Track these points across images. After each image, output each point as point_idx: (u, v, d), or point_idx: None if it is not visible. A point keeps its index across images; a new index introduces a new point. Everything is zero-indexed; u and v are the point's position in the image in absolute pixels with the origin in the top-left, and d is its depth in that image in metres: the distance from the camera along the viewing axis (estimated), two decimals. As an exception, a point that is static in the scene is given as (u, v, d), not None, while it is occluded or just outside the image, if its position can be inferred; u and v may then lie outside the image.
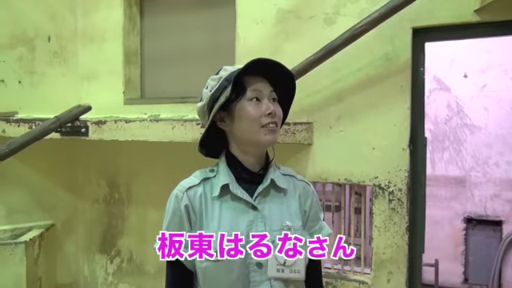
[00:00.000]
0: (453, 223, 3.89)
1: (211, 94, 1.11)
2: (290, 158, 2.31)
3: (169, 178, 2.69)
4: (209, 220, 1.07)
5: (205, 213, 1.08)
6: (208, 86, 1.14)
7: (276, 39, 2.33)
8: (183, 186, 1.11)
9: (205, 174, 1.14)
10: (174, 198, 1.10)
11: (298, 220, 1.13)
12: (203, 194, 1.10)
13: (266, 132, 1.06)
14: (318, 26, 2.23)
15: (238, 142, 1.12)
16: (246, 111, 1.06)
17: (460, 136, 3.85)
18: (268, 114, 1.06)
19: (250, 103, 1.07)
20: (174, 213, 1.09)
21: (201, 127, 2.19)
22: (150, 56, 2.92)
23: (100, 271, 3.00)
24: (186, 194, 1.09)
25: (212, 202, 1.09)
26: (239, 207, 1.08)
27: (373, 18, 1.96)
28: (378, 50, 2.11)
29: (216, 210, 1.08)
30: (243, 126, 1.07)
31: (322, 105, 2.23)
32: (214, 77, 1.14)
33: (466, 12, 1.94)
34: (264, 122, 1.06)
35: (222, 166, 1.13)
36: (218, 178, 1.12)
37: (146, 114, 2.68)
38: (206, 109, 1.13)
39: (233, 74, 1.07)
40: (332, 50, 2.05)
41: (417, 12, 2.01)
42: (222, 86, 1.09)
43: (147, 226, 2.82)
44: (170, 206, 1.11)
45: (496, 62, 3.71)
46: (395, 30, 2.07)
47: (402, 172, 2.07)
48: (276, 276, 1.05)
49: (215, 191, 1.09)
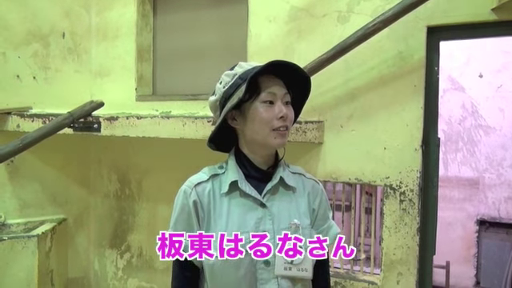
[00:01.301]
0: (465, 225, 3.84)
1: (224, 90, 1.10)
2: (300, 156, 2.30)
3: (179, 174, 2.70)
4: (217, 217, 1.07)
5: (213, 209, 1.08)
6: (222, 81, 1.13)
7: (288, 37, 2.32)
8: (192, 181, 1.11)
9: (214, 171, 1.14)
10: (183, 193, 1.10)
11: (307, 218, 1.13)
12: (212, 190, 1.10)
13: (275, 135, 1.06)
14: (331, 24, 2.22)
15: (247, 141, 1.11)
16: (259, 113, 1.05)
17: (474, 137, 3.79)
18: (280, 117, 1.05)
19: (263, 105, 1.06)
20: (182, 208, 1.09)
21: (212, 124, 2.19)
22: (162, 53, 2.93)
23: (110, 266, 3.03)
24: (195, 189, 1.09)
25: (220, 198, 1.09)
26: (248, 204, 1.08)
27: (386, 16, 1.94)
28: (392, 48, 2.09)
29: (224, 206, 1.08)
30: (254, 127, 1.07)
31: (334, 104, 2.21)
32: (229, 72, 1.12)
33: (483, 11, 1.90)
34: (275, 126, 1.05)
35: (231, 163, 1.13)
36: (227, 174, 1.11)
37: (157, 110, 2.70)
38: (217, 104, 1.13)
39: (248, 73, 1.06)
40: (344, 49, 2.03)
41: (432, 10, 1.98)
42: (235, 83, 1.08)
43: (157, 222, 2.83)
44: (179, 202, 1.11)
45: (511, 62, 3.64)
46: (409, 29, 2.04)
47: (414, 172, 2.05)
48: (283, 274, 1.05)
49: (224, 188, 1.09)
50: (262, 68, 1.02)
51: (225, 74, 1.13)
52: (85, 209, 3.03)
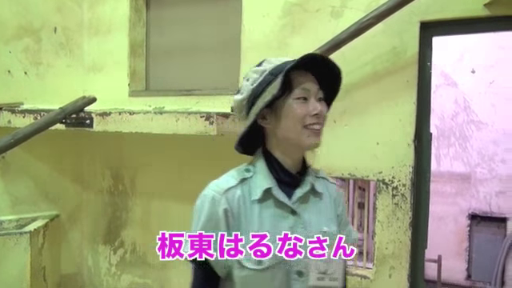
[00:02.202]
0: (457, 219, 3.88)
1: (253, 87, 1.03)
2: (294, 151, 2.30)
3: (173, 170, 2.71)
4: (248, 224, 1.00)
5: (243, 217, 1.01)
6: (249, 78, 1.05)
7: (282, 32, 2.32)
8: (221, 187, 1.03)
9: (242, 174, 1.06)
10: (210, 200, 1.01)
11: (334, 225, 1.10)
12: (242, 196, 1.02)
13: (308, 133, 1.01)
14: (324, 19, 2.21)
15: (278, 141, 1.05)
16: (292, 110, 1.00)
17: (466, 132, 3.82)
18: (314, 114, 1.00)
19: (296, 101, 1.00)
20: (210, 217, 1.00)
21: (205, 120, 2.19)
22: (155, 48, 2.92)
23: (104, 262, 3.03)
24: (225, 196, 1.01)
25: (251, 205, 1.01)
26: (279, 212, 1.02)
27: (380, 11, 1.94)
28: (385, 44, 2.09)
29: (255, 214, 1.01)
30: (287, 124, 1.01)
31: (327, 99, 2.21)
32: (257, 69, 1.06)
33: (476, 6, 1.91)
34: (307, 122, 1.00)
35: (261, 167, 1.06)
36: (257, 179, 1.04)
37: (150, 106, 2.68)
38: (244, 103, 1.06)
39: (279, 68, 1.01)
40: (338, 44, 2.03)
41: (425, 6, 1.99)
42: (266, 80, 1.02)
43: (151, 217, 2.83)
44: (205, 209, 1.01)
45: (505, 58, 3.66)
46: (403, 24, 2.04)
47: (407, 167, 2.06)
48: (316, 284, 1.01)
49: (255, 194, 1.02)
50: (296, 62, 0.97)
51: (252, 70, 1.06)
52: (78, 205, 3.02)
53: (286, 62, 1.02)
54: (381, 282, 2.13)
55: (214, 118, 2.17)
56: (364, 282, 2.17)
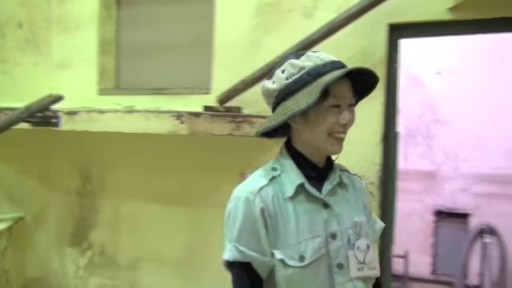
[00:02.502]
0: (423, 216, 4.01)
1: (287, 83, 1.00)
2: (265, 151, 2.31)
3: (143, 170, 2.67)
4: (285, 222, 0.99)
5: (279, 215, 0.99)
6: (285, 70, 1.01)
7: (255, 32, 2.32)
8: (252, 187, 1.00)
9: (270, 173, 1.04)
10: (244, 201, 0.99)
11: (363, 215, 1.11)
12: (275, 194, 1.01)
13: (332, 142, 1.01)
14: (296, 19, 2.24)
15: (304, 142, 1.05)
16: (323, 118, 0.99)
17: (432, 131, 3.95)
18: (343, 124, 1.00)
19: (329, 110, 0.98)
20: (246, 218, 0.98)
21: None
22: (126, 46, 2.86)
23: (71, 264, 2.94)
24: (259, 195, 0.99)
25: (284, 202, 1.01)
26: (312, 207, 1.02)
27: (351, 12, 1.98)
28: (356, 44, 2.13)
29: (290, 210, 1.00)
30: (314, 130, 1.00)
31: (299, 98, 2.24)
32: (295, 63, 1.00)
33: (440, 10, 1.98)
34: (334, 130, 1.00)
35: (288, 164, 1.05)
36: (286, 176, 1.03)
37: (120, 104, 2.63)
38: (275, 94, 1.03)
39: (318, 70, 0.97)
40: (310, 44, 2.06)
41: (393, 8, 2.04)
42: (302, 79, 0.98)
43: (121, 218, 2.77)
44: (240, 211, 0.99)
45: (469, 60, 3.81)
46: (372, 26, 2.09)
47: (375, 166, 2.11)
48: (357, 275, 1.02)
49: (288, 191, 1.01)
50: (340, 75, 0.94)
51: (289, 62, 1.01)
52: (44, 206, 2.92)
53: (327, 62, 0.99)
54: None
55: (186, 117, 2.15)
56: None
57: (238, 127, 2.12)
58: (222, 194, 2.40)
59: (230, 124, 2.12)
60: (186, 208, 2.54)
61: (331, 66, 0.97)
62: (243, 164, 2.38)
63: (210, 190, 2.47)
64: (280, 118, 0.99)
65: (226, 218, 1.02)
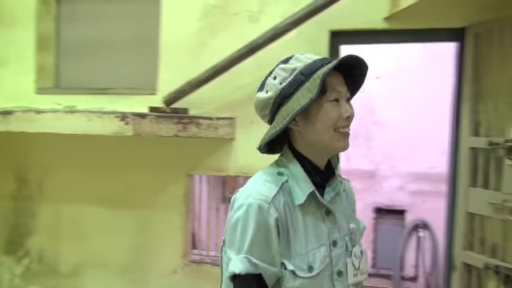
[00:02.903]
0: (364, 213, 4.20)
1: (282, 87, 0.97)
2: (212, 152, 2.33)
3: (86, 172, 2.58)
4: (295, 231, 0.95)
5: (290, 224, 0.95)
6: (277, 76, 0.98)
7: (201, 33, 2.33)
8: (265, 195, 0.93)
9: (278, 179, 0.98)
10: (257, 209, 0.91)
11: (355, 220, 1.10)
12: (285, 202, 0.95)
13: (338, 137, 0.97)
14: (242, 23, 2.28)
15: (306, 143, 1.00)
16: (325, 113, 0.95)
17: (372, 133, 4.17)
18: (346, 117, 0.96)
19: (330, 104, 0.96)
20: (259, 228, 0.91)
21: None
22: (67, 43, 2.74)
23: (5, 274, 2.77)
24: (273, 204, 0.92)
25: (294, 210, 0.96)
26: (317, 214, 0.99)
27: (295, 18, 2.05)
28: (299, 49, 2.17)
29: (299, 219, 0.96)
30: (318, 128, 0.96)
31: (245, 100, 2.28)
32: (286, 67, 0.98)
33: (377, 19, 2.11)
34: (338, 125, 0.96)
35: (296, 169, 0.99)
36: (294, 182, 0.98)
37: (60, 104, 2.52)
38: (271, 102, 0.99)
39: (311, 68, 0.95)
40: (255, 48, 2.11)
41: (334, 16, 2.14)
42: (297, 80, 0.95)
43: (61, 223, 2.65)
44: (252, 219, 0.91)
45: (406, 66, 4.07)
46: (315, 32, 2.18)
47: (318, 166, 2.20)
48: (353, 281, 1.02)
49: (298, 199, 0.96)
50: (334, 65, 0.91)
51: (279, 67, 0.99)
52: (-26, 212, 2.73)
53: (316, 60, 0.97)
54: (295, 275, 2.25)
55: (130, 118, 2.11)
56: (280, 276, 2.27)
57: (184, 128, 2.12)
58: (168, 196, 2.41)
59: (177, 125, 2.11)
60: (131, 210, 2.49)
61: (321, 62, 0.95)
62: (190, 165, 2.38)
63: (156, 191, 2.44)
64: (283, 122, 0.94)
65: (233, 226, 0.94)
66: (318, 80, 0.90)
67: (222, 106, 2.29)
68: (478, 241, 1.98)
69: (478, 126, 1.99)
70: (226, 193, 2.89)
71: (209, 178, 2.63)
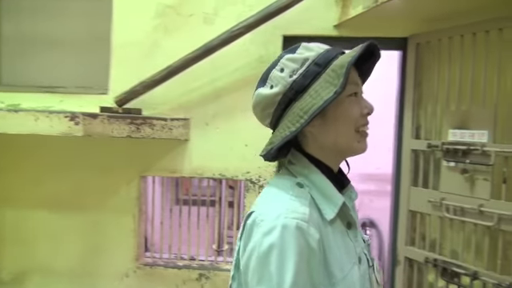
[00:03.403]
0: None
1: (293, 79, 0.82)
2: (166, 153, 2.32)
3: (32, 174, 2.47)
4: (331, 252, 0.79)
5: (326, 243, 0.79)
6: (284, 67, 0.83)
7: (155, 33, 2.31)
8: (301, 212, 0.76)
9: (303, 192, 0.82)
10: (296, 231, 0.73)
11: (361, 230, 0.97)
12: (318, 218, 0.80)
13: (359, 138, 0.84)
14: (197, 24, 2.28)
15: (322, 146, 0.86)
16: (345, 110, 0.82)
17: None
18: (366, 113, 0.85)
19: (349, 100, 0.83)
20: (301, 254, 0.72)
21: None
22: (10, 38, 2.60)
23: None
24: (312, 222, 0.76)
25: (325, 227, 0.80)
26: (343, 228, 0.85)
27: (249, 22, 2.09)
28: (254, 53, 2.26)
29: (330, 236, 0.80)
30: (338, 128, 0.83)
31: (200, 102, 2.29)
32: (294, 56, 0.83)
33: (328, 26, 2.20)
34: (359, 123, 0.84)
35: (317, 177, 0.84)
36: (318, 193, 0.83)
37: (3, 102, 2.39)
38: (279, 99, 0.83)
39: (325, 58, 0.82)
40: (210, 49, 2.12)
41: (288, 21, 2.21)
42: (311, 72, 0.81)
43: (4, 228, 2.51)
44: (292, 245, 0.72)
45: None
46: (269, 36, 2.24)
47: (271, 167, 2.26)
48: None
49: (328, 212, 0.81)
50: (360, 52, 0.78)
51: (286, 58, 0.84)
52: None
53: (328, 49, 0.85)
54: (249, 275, 2.28)
55: (80, 118, 2.05)
56: (233, 275, 2.30)
57: (137, 129, 2.09)
58: (120, 198, 2.36)
59: (130, 126, 2.08)
60: (81, 213, 2.40)
61: (335, 52, 0.84)
62: (143, 167, 2.35)
63: (107, 193, 2.38)
64: (299, 121, 0.78)
65: (264, 256, 0.73)
66: (343, 70, 0.76)
67: (177, 106, 2.28)
68: (418, 236, 2.12)
69: (419, 129, 2.13)
70: (179, 194, 2.88)
71: (162, 179, 2.60)
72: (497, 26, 1.78)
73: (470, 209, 1.84)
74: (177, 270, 2.34)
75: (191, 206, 2.47)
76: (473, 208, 1.82)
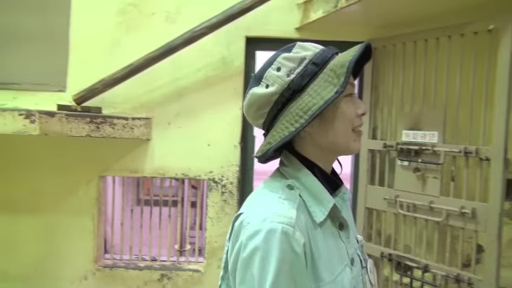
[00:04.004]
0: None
1: (291, 79, 0.80)
2: (127, 153, 2.28)
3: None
4: (320, 255, 0.79)
5: (314, 246, 0.78)
6: (281, 67, 0.82)
7: (116, 30, 2.27)
8: (287, 216, 0.76)
9: (292, 194, 0.81)
10: (281, 235, 0.73)
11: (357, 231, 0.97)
12: (306, 221, 0.79)
13: (355, 137, 0.85)
14: (159, 23, 2.27)
15: (318, 146, 0.85)
16: (343, 110, 0.82)
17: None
18: (361, 114, 0.85)
19: (346, 100, 0.83)
20: (284, 258, 0.72)
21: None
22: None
23: None
24: (298, 227, 0.75)
25: (315, 229, 0.80)
26: (334, 230, 0.85)
27: (211, 22, 2.10)
28: (216, 53, 2.27)
29: (320, 239, 0.80)
30: (337, 129, 0.83)
31: (162, 101, 2.27)
32: (291, 56, 0.82)
33: (289, 29, 2.25)
34: (356, 124, 0.84)
35: (308, 179, 0.84)
36: (309, 194, 0.83)
37: (-50, 99, 2.27)
38: (275, 98, 0.82)
39: (322, 57, 0.82)
40: (173, 49, 2.11)
41: (250, 23, 2.24)
42: (310, 71, 0.80)
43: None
44: (275, 250, 0.72)
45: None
46: (231, 37, 2.26)
47: (234, 167, 2.28)
48: None
49: (318, 215, 0.81)
50: (361, 52, 0.79)
51: (283, 57, 0.82)
52: None
53: (324, 49, 0.84)
54: (211, 274, 2.29)
55: (37, 116, 1.98)
56: (195, 275, 2.30)
57: (97, 128, 2.04)
58: (79, 199, 2.30)
59: (89, 125, 2.03)
60: (37, 215, 2.32)
61: (330, 51, 0.84)
62: (103, 166, 2.30)
63: (65, 194, 2.31)
64: (299, 121, 0.78)
65: (247, 258, 0.74)
66: (344, 69, 0.77)
67: (138, 106, 2.25)
68: (375, 233, 2.21)
69: (376, 130, 2.23)
70: (140, 194, 2.84)
71: (123, 179, 2.55)
72: (446, 33, 1.89)
73: (421, 205, 1.95)
74: (138, 271, 2.31)
75: (153, 206, 2.44)
76: (424, 205, 1.93)
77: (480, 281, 1.76)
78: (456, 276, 1.83)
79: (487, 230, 1.73)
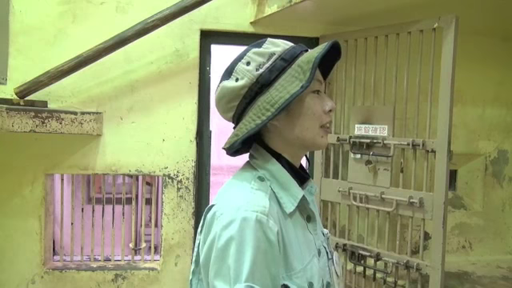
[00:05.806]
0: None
1: (260, 73, 0.82)
2: (77, 149, 2.18)
3: None
4: (291, 244, 0.81)
5: (286, 236, 0.81)
6: (250, 61, 0.84)
7: (61, 20, 2.15)
8: (260, 205, 0.77)
9: (263, 184, 0.83)
10: (256, 224, 0.74)
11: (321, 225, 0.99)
12: (278, 211, 0.81)
13: (322, 133, 0.87)
14: (109, 13, 2.17)
15: (285, 140, 0.87)
16: (310, 106, 0.84)
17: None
18: (329, 110, 0.87)
19: (312, 96, 0.85)
20: (259, 246, 0.73)
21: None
22: None
23: None
24: (271, 215, 0.77)
25: (285, 220, 0.82)
26: (303, 222, 0.88)
27: (164, 14, 2.04)
28: (170, 46, 2.21)
29: (291, 229, 0.83)
30: (304, 124, 0.85)
31: (113, 95, 2.18)
32: (261, 51, 0.84)
33: (244, 23, 2.24)
34: (324, 121, 0.86)
35: (278, 171, 0.86)
36: (278, 186, 0.84)
37: None
38: (244, 92, 0.83)
39: (291, 53, 0.84)
40: (124, 40, 2.03)
41: (205, 16, 2.20)
42: (278, 66, 0.83)
43: None
44: (250, 238, 0.73)
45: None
46: (185, 30, 2.21)
47: (190, 162, 2.24)
48: None
49: (288, 206, 0.83)
50: (327, 49, 0.81)
51: (253, 52, 0.84)
52: None
53: (294, 46, 0.87)
54: (168, 272, 2.25)
55: (-27, 110, 1.83)
56: (152, 273, 2.25)
57: (43, 123, 1.93)
58: (23, 199, 2.17)
59: (34, 120, 1.91)
60: (-25, 218, 2.16)
61: (300, 48, 0.86)
62: (49, 164, 2.18)
63: (8, 194, 2.16)
64: (266, 114, 0.80)
65: (222, 248, 0.74)
66: (310, 65, 0.79)
67: (87, 99, 2.15)
68: (330, 224, 2.27)
69: (330, 124, 2.28)
70: (91, 192, 2.72)
71: (72, 177, 2.43)
72: (394, 31, 1.97)
73: (373, 196, 2.02)
74: (90, 273, 2.22)
75: (105, 204, 2.35)
76: (375, 196, 2.01)
77: (427, 266, 1.86)
78: (406, 263, 1.92)
79: (433, 217, 1.84)
